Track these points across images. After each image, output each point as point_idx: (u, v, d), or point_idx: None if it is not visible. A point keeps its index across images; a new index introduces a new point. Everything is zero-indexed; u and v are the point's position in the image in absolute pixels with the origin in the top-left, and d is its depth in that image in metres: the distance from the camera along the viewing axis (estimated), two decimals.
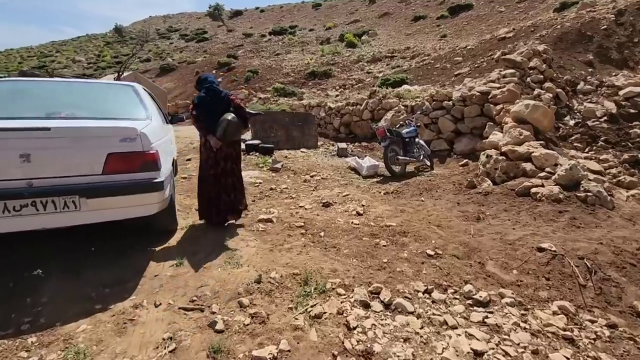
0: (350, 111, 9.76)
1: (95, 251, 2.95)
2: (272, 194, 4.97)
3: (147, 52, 42.14)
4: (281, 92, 15.65)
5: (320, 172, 6.20)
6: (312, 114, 9.12)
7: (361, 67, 20.26)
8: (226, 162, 3.54)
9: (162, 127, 3.36)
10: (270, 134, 7.94)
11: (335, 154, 7.89)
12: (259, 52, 29.97)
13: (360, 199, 4.65)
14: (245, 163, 6.47)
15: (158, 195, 2.68)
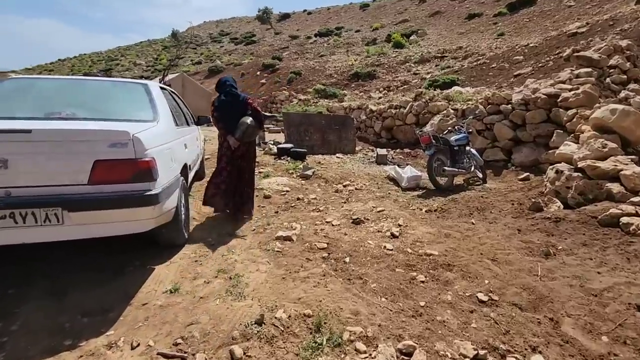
0: (393, 114, 9.05)
1: (91, 266, 2.65)
2: (298, 205, 4.49)
3: (199, 55, 44.21)
4: (322, 93, 15.26)
5: (355, 181, 5.62)
6: (351, 117, 8.57)
7: (408, 68, 19.28)
8: (242, 160, 3.85)
9: (171, 131, 3.01)
10: (305, 137, 7.50)
11: (374, 161, 7.25)
12: (303, 53, 29.99)
13: (397, 216, 4.01)
14: (274, 168, 6.08)
15: (152, 210, 2.30)
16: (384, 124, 9.32)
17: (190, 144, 3.85)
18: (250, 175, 3.98)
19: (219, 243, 3.24)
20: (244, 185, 3.91)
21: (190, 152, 3.72)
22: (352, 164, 6.87)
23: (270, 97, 18.25)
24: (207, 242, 3.26)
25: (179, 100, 4.40)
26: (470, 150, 5.76)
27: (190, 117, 4.88)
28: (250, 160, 3.97)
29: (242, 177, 3.86)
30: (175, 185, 2.78)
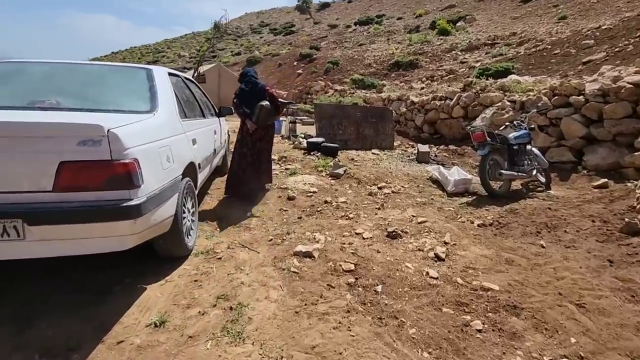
0: (437, 106, 8.15)
1: (75, 283, 2.27)
2: (325, 210, 3.92)
3: (239, 46, 44.69)
4: (359, 83, 14.47)
5: (392, 182, 4.94)
6: (389, 109, 7.80)
7: (454, 56, 17.86)
8: (261, 142, 4.18)
9: (172, 124, 2.54)
10: (338, 130, 6.88)
11: (414, 159, 6.48)
12: (342, 42, 29.13)
13: (442, 230, 3.32)
14: (302, 165, 5.54)
15: (133, 225, 1.83)
16: (427, 117, 8.44)
17: (204, 138, 3.39)
18: (267, 156, 4.36)
19: (228, 257, 2.76)
20: (262, 163, 4.26)
21: (203, 148, 3.26)
22: (390, 162, 6.16)
23: (305, 88, 17.73)
24: (215, 254, 2.79)
25: (196, 89, 3.96)
26: (532, 150, 4.85)
27: (210, 108, 4.45)
28: (267, 142, 4.30)
29: (260, 158, 4.22)
30: (173, 190, 2.32)
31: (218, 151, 4.31)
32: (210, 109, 4.46)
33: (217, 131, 4.30)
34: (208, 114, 4.08)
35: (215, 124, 4.19)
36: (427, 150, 6.41)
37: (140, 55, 61.46)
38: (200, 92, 4.18)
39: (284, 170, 5.32)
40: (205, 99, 4.39)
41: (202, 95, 4.22)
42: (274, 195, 4.39)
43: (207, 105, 4.32)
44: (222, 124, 4.87)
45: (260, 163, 4.22)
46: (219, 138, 4.33)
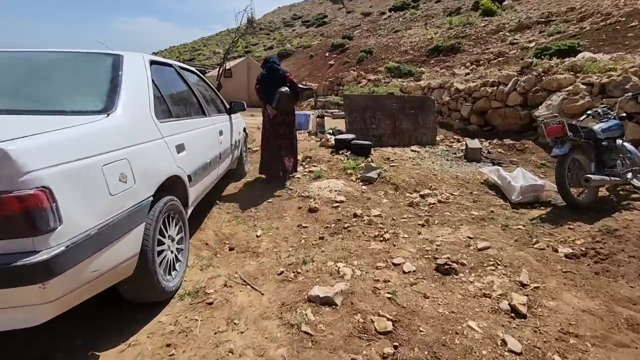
0: (488, 93, 6.99)
1: (10, 348, 1.69)
2: (353, 227, 3.14)
3: (271, 40, 44.46)
4: (395, 72, 13.35)
5: (438, 188, 4.03)
6: (430, 98, 6.78)
7: (502, 37, 16.08)
8: (280, 127, 4.18)
9: (139, 128, 1.87)
10: (371, 125, 6.02)
11: (462, 157, 5.48)
12: (376, 30, 27.80)
13: (513, 261, 2.42)
14: (329, 166, 4.76)
15: (40, 292, 1.17)
16: (475, 106, 7.29)
17: (200, 142, 2.73)
18: (290, 141, 4.31)
19: (222, 301, 2.07)
20: (284, 150, 4.22)
21: (197, 155, 2.60)
22: (433, 161, 5.21)
23: (337, 79, 16.84)
24: (205, 296, 2.12)
25: (197, 81, 3.31)
26: (624, 146, 3.73)
27: (218, 104, 3.80)
28: (288, 127, 4.26)
29: (282, 143, 4.21)
30: (135, 220, 1.65)
31: (227, 154, 3.65)
32: (219, 105, 3.81)
33: (226, 130, 3.64)
34: (213, 111, 3.42)
35: (222, 123, 3.53)
36: (478, 146, 5.38)
37: (178, 54, 63.34)
38: (203, 86, 3.53)
39: (307, 174, 4.58)
40: (212, 93, 3.74)
41: (206, 89, 3.57)
42: (294, 205, 3.67)
43: (213, 101, 3.67)
44: (235, 122, 4.22)
45: (281, 148, 4.21)
46: (228, 138, 3.67)
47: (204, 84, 3.58)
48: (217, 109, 3.69)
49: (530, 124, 6.18)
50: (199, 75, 3.48)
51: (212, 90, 3.74)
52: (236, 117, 4.42)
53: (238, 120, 4.52)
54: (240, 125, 4.58)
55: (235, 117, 4.37)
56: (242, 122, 4.82)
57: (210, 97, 3.62)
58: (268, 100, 4.05)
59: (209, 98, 3.49)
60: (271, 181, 4.27)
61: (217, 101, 3.79)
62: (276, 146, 4.18)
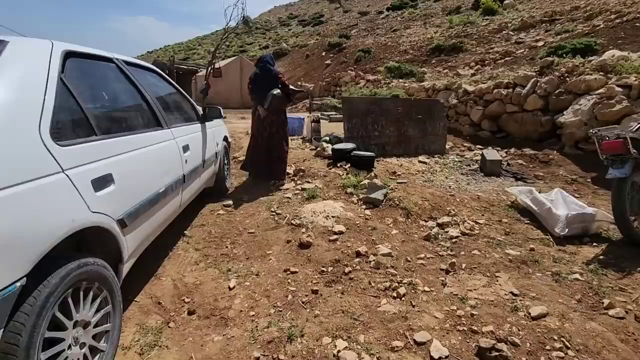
0: (503, 96, 6.28)
1: None
2: (356, 272, 2.40)
3: (267, 40, 43.66)
4: (395, 72, 12.63)
5: (458, 214, 3.30)
6: (440, 102, 6.06)
7: (505, 36, 15.45)
8: (271, 127, 4.16)
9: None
10: (374, 132, 5.28)
11: (477, 169, 4.77)
12: (373, 30, 27.17)
13: (589, 343, 1.70)
14: (324, 182, 4.02)
15: None
16: (487, 110, 6.58)
17: (145, 166, 1.97)
18: (279, 141, 4.20)
19: None
20: (273, 150, 4.16)
21: (140, 185, 1.85)
22: (446, 176, 4.48)
23: (334, 79, 16.11)
24: None
25: (152, 81, 2.55)
26: None
27: (187, 110, 3.06)
28: (279, 127, 4.21)
29: (270, 144, 4.15)
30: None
31: (198, 172, 2.90)
32: (187, 112, 3.06)
33: (196, 143, 2.89)
34: (176, 120, 2.67)
35: (190, 134, 2.78)
36: (497, 158, 4.66)
37: (173, 52, 62.29)
38: (164, 88, 2.77)
39: (300, 192, 3.84)
40: (178, 97, 2.99)
41: (169, 93, 2.82)
42: (281, 237, 2.93)
43: (179, 107, 2.92)
44: (212, 131, 3.47)
45: (271, 150, 4.18)
46: (199, 153, 2.92)
47: (167, 85, 2.82)
48: (185, 117, 2.94)
49: (552, 131, 5.47)
50: (159, 73, 2.72)
51: (179, 93, 2.99)
52: (215, 125, 3.67)
53: (217, 128, 3.77)
54: (219, 134, 3.83)
55: (214, 125, 3.62)
56: (222, 130, 4.07)
57: (174, 102, 2.87)
58: (260, 101, 4.05)
59: (171, 104, 2.74)
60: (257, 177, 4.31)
61: (184, 107, 3.04)
62: (265, 146, 4.16)
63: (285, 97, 4.09)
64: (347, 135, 5.15)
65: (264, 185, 4.29)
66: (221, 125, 4.15)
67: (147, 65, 2.52)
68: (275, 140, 4.17)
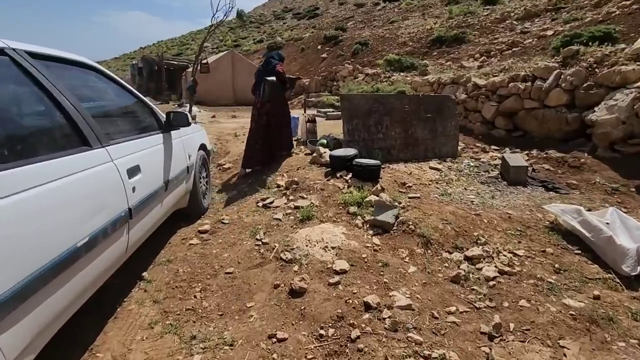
0: (520, 91, 5.60)
1: None
2: (367, 338, 1.76)
3: (261, 34, 42.65)
4: (395, 65, 11.92)
5: (489, 241, 2.64)
6: (451, 98, 5.37)
7: (509, 26, 14.74)
8: (268, 116, 4.22)
9: None
10: (378, 134, 4.61)
11: (498, 176, 4.12)
12: (370, 22, 26.40)
13: None
14: (321, 199, 3.35)
15: None
16: (502, 106, 5.91)
17: (51, 209, 1.29)
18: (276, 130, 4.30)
19: None
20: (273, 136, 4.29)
21: (38, 240, 1.18)
22: (465, 186, 3.83)
23: (330, 74, 15.38)
24: None
25: (82, 83, 1.87)
26: None
27: (135, 119, 2.38)
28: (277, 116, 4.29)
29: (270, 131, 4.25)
30: None
31: (158, 198, 2.23)
32: (142, 120, 2.38)
33: (154, 161, 2.22)
34: (125, 132, 2.00)
35: (143, 151, 2.10)
36: (523, 164, 4.00)
37: (166, 48, 61.06)
38: (106, 88, 2.08)
39: (292, 211, 3.18)
40: (129, 100, 2.30)
41: (113, 95, 2.13)
42: (267, 280, 2.28)
43: (127, 115, 2.25)
44: (181, 140, 2.80)
45: (271, 137, 4.27)
46: (157, 173, 2.25)
47: (109, 85, 2.12)
48: (138, 127, 2.26)
49: (580, 130, 4.82)
50: (97, 69, 2.02)
51: (130, 96, 2.30)
52: (187, 133, 3.00)
53: (189, 136, 3.10)
54: (192, 143, 3.15)
55: (186, 133, 2.95)
56: (198, 138, 3.39)
57: (122, 109, 2.20)
58: (256, 91, 4.27)
59: (114, 111, 2.07)
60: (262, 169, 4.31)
61: (138, 114, 2.36)
62: (262, 135, 4.20)
63: (279, 84, 4.19)
64: (348, 139, 4.47)
65: (251, 198, 3.64)
66: (197, 131, 3.47)
67: (74, 59, 1.83)
68: (272, 128, 4.23)
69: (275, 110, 4.26)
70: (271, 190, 3.84)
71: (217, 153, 5.56)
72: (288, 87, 4.49)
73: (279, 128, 4.35)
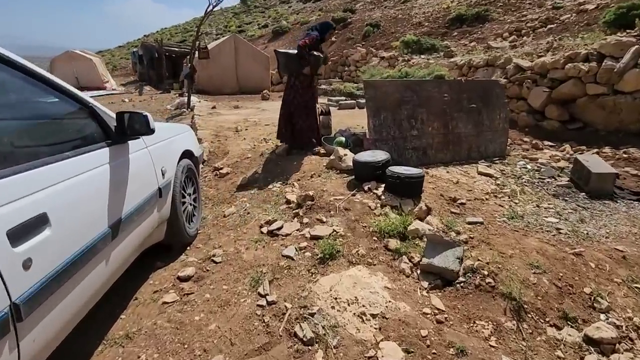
0: (581, 73, 4.57)
1: None
2: None
3: (266, 18, 41.18)
4: (414, 47, 10.80)
5: (612, 302, 1.74)
6: (499, 83, 4.34)
7: (537, 2, 13.39)
8: (289, 93, 3.99)
9: None
10: (411, 130, 3.67)
11: (568, 182, 3.18)
12: (380, 2, 24.92)
13: None
14: (346, 223, 2.46)
15: None
16: (556, 92, 4.89)
17: None
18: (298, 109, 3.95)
19: None
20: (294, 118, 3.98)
21: None
22: (535, 201, 2.88)
23: (341, 58, 14.29)
24: None
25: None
26: None
27: (64, 130, 1.48)
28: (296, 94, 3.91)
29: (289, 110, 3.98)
30: None
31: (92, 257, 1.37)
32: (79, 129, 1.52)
33: (83, 197, 1.34)
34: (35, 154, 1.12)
35: (69, 180, 1.22)
36: (609, 170, 3.04)
37: (169, 35, 59.79)
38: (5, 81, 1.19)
39: (307, 244, 2.31)
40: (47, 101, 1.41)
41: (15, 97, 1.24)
42: None
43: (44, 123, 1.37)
44: (144, 153, 1.92)
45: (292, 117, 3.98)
46: (91, 216, 1.38)
47: (10, 76, 1.23)
48: (59, 142, 1.38)
49: None
50: None
51: (51, 90, 1.40)
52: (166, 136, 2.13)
53: (166, 143, 2.22)
54: (169, 152, 2.28)
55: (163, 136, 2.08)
56: (180, 143, 2.52)
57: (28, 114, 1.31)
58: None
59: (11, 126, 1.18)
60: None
61: (67, 123, 1.48)
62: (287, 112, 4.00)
63: (294, 57, 3.84)
64: (374, 137, 3.55)
65: (253, 219, 2.78)
66: (178, 134, 2.58)
67: None
68: (294, 107, 3.95)
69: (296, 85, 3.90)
70: (279, 207, 2.97)
71: (214, 153, 4.68)
72: (307, 65, 3.80)
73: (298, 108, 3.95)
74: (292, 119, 3.98)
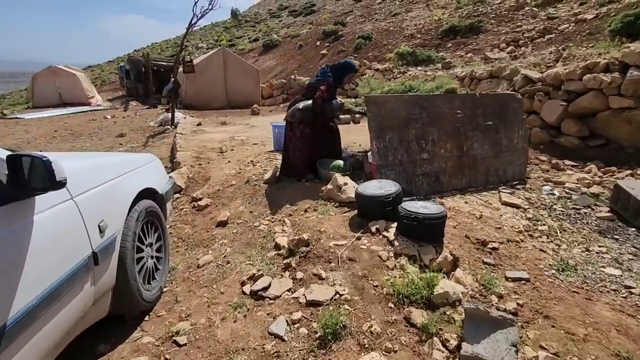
0: (603, 85, 4.14)
1: None
2: None
3: (257, 32, 41.13)
4: (409, 58, 10.44)
5: None
6: (516, 97, 3.85)
7: (530, 13, 13.28)
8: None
9: None
10: (421, 153, 3.15)
11: (608, 213, 2.67)
12: (371, 15, 24.97)
13: None
14: (352, 282, 1.88)
15: None
16: (574, 105, 4.44)
17: None
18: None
19: None
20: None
21: None
22: (583, 243, 2.36)
23: None
24: None
25: None
26: None
27: None
28: (290, 141, 3.58)
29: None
30: None
31: None
32: None
33: None
34: None
35: None
36: None
37: (160, 50, 59.42)
38: None
39: (302, 315, 1.73)
40: None
41: None
42: None
43: None
44: (67, 207, 1.33)
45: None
46: None
47: None
48: None
49: None
50: None
51: None
52: (114, 173, 1.57)
53: (112, 184, 1.65)
54: (116, 198, 1.70)
55: (108, 177, 1.51)
56: (137, 181, 1.94)
57: None
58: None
59: None
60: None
61: None
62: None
63: (308, 111, 3.44)
64: (379, 163, 3.01)
65: (233, 272, 2.20)
66: (137, 167, 2.01)
67: None
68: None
69: (289, 134, 3.62)
70: (266, 253, 2.40)
71: (194, 180, 4.09)
72: (317, 111, 3.44)
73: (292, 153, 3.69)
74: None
